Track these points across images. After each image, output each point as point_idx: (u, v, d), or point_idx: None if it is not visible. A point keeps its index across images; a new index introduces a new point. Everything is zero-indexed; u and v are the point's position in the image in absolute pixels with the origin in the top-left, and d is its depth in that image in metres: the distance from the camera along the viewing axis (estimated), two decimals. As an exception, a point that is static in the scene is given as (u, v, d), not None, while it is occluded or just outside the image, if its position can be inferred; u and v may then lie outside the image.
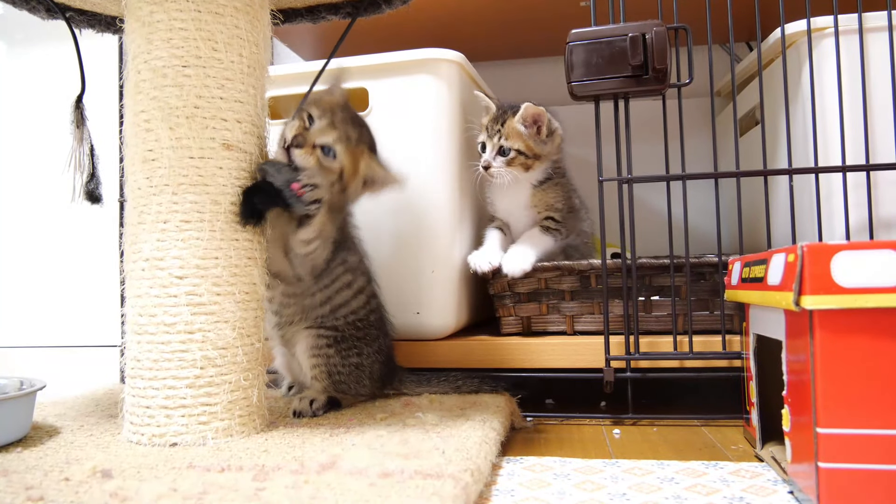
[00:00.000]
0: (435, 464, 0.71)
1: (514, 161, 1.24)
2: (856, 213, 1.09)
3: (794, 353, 0.71)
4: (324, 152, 0.96)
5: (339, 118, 0.98)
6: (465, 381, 1.11)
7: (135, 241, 0.87)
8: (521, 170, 1.25)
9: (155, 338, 0.84)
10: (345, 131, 0.98)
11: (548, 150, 1.27)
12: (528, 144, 1.24)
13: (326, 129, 0.97)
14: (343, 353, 1.03)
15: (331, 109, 0.99)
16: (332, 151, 0.97)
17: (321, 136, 0.96)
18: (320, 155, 0.96)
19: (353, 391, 1.05)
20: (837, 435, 0.64)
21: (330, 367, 1.02)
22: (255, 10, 0.92)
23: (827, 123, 1.13)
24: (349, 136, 0.98)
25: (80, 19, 1.09)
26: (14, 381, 0.94)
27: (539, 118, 1.24)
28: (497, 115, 1.27)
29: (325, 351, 1.02)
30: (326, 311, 1.04)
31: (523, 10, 1.62)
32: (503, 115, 1.26)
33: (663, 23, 1.05)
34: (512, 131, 1.24)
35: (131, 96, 0.89)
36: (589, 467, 0.84)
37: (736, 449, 0.92)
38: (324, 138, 0.96)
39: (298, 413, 0.98)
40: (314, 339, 1.02)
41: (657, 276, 1.19)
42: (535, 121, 1.24)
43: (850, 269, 0.64)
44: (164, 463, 0.74)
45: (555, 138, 1.27)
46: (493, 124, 1.26)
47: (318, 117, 0.97)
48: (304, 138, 0.95)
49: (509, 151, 1.24)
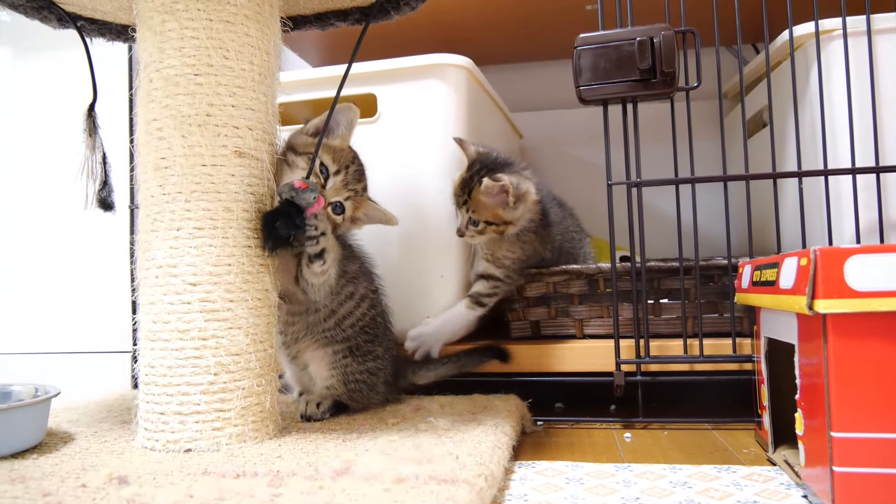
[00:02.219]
0: (449, 469, 0.71)
1: (486, 230, 1.16)
2: (865, 214, 1.09)
3: (807, 357, 0.71)
4: (334, 208, 1.00)
5: (350, 174, 1.00)
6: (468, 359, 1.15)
7: (148, 248, 0.87)
8: (496, 235, 1.18)
9: (169, 344, 0.85)
10: (354, 188, 1.01)
11: (519, 214, 1.16)
12: (497, 214, 1.15)
13: (340, 188, 1.00)
14: (359, 361, 1.03)
15: (344, 164, 1.00)
16: (342, 207, 1.00)
17: (335, 195, 0.99)
18: (330, 211, 0.99)
19: (367, 398, 1.05)
20: (852, 439, 0.64)
21: (346, 375, 1.02)
22: (265, 17, 0.92)
23: (836, 125, 1.13)
24: (356, 191, 1.02)
25: (91, 28, 1.10)
26: (29, 387, 0.94)
27: (504, 190, 1.12)
28: (466, 178, 1.17)
29: (342, 362, 1.02)
30: (332, 325, 1.03)
31: (530, 14, 1.63)
32: (470, 181, 1.15)
33: (671, 26, 1.05)
34: (478, 203, 1.15)
35: (143, 105, 0.89)
36: (601, 471, 0.84)
37: (748, 453, 0.92)
38: (337, 197, 1.00)
39: (307, 417, 0.99)
40: (330, 357, 1.03)
41: (666, 278, 1.19)
42: (501, 191, 1.12)
43: (863, 272, 0.64)
44: (179, 469, 0.75)
45: (526, 201, 1.15)
46: (460, 192, 1.17)
47: (333, 174, 0.99)
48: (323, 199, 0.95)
49: (478, 223, 1.16)
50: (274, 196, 0.93)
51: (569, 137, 1.93)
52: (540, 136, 1.95)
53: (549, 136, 1.95)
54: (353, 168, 1.01)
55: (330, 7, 1.09)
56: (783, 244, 1.12)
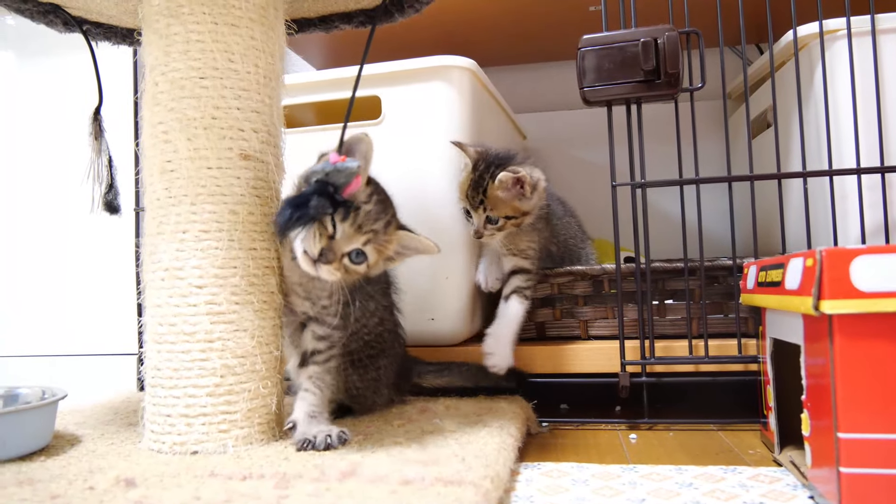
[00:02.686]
0: (455, 471, 0.71)
1: (505, 226, 1.16)
2: (871, 214, 1.09)
3: (813, 358, 0.71)
4: (352, 258, 0.85)
5: (363, 215, 0.84)
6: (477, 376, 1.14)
7: (154, 251, 0.88)
8: (514, 229, 1.18)
9: (175, 347, 0.85)
10: (372, 228, 0.85)
11: (534, 203, 1.17)
12: (514, 206, 1.15)
13: (353, 234, 0.84)
14: (360, 373, 1.02)
15: (358, 205, 0.84)
16: (362, 255, 0.85)
17: (348, 244, 0.84)
18: (348, 263, 0.85)
19: (370, 402, 1.05)
20: (859, 440, 0.64)
21: (348, 384, 1.02)
22: (270, 21, 0.92)
23: (840, 125, 1.13)
24: (376, 231, 0.85)
25: (97, 32, 1.11)
26: (36, 390, 0.95)
27: (522, 181, 1.13)
28: (476, 179, 1.14)
29: (344, 373, 1.00)
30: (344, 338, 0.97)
31: (533, 15, 1.63)
32: (481, 180, 1.14)
33: (675, 27, 1.05)
34: (496, 200, 1.14)
35: (149, 108, 0.90)
36: (606, 473, 0.84)
37: (753, 453, 0.92)
38: (352, 245, 0.84)
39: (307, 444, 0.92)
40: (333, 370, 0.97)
41: (671, 279, 1.19)
42: (517, 183, 1.13)
43: (869, 273, 0.64)
44: (185, 471, 0.75)
45: (538, 189, 1.16)
46: (473, 193, 1.15)
47: (341, 220, 0.83)
48: (332, 253, 0.82)
49: (498, 220, 1.15)
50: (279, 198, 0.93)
51: (572, 138, 1.93)
52: (543, 137, 1.94)
53: (553, 137, 1.95)
54: (366, 208, 0.85)
55: (334, 10, 1.09)
56: (788, 244, 1.12)
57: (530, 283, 1.21)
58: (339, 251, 0.83)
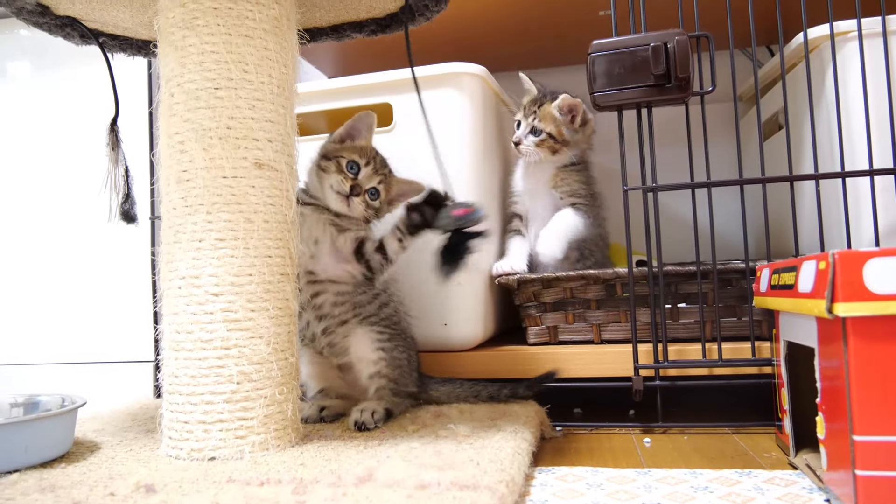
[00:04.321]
0: (470, 475, 0.71)
1: (544, 143, 1.33)
2: (884, 216, 1.08)
3: (828, 360, 0.71)
4: (371, 195, 1.11)
5: (377, 163, 1.13)
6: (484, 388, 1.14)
7: (171, 259, 0.89)
8: (549, 153, 1.33)
9: (192, 354, 0.86)
10: (383, 172, 1.13)
11: (577, 139, 1.35)
12: (560, 130, 1.33)
13: (372, 175, 1.11)
14: (399, 349, 1.08)
15: (370, 157, 1.12)
16: (377, 192, 1.12)
17: (369, 182, 1.11)
18: (368, 198, 1.10)
19: (408, 386, 1.09)
20: (875, 442, 0.64)
21: (392, 359, 1.07)
22: (283, 31, 0.94)
23: (852, 127, 1.13)
24: (385, 175, 1.13)
25: (113, 44, 1.12)
26: (56, 397, 0.96)
27: (575, 109, 1.32)
28: (537, 97, 1.36)
29: (387, 345, 1.07)
30: (375, 308, 1.10)
31: (543, 20, 1.63)
32: (542, 98, 1.35)
33: (684, 31, 1.06)
34: (547, 115, 1.33)
35: (165, 118, 0.91)
36: (621, 477, 0.85)
37: (769, 457, 0.91)
38: (371, 183, 1.11)
39: (361, 425, 0.98)
40: (376, 334, 1.07)
41: (683, 283, 1.19)
42: (570, 110, 1.32)
43: (882, 275, 0.64)
44: (204, 477, 0.76)
45: (587, 129, 1.36)
46: (531, 105, 1.35)
47: (364, 165, 1.11)
48: (359, 187, 1.09)
49: (540, 133, 1.32)
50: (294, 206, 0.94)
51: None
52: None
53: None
54: (378, 158, 1.14)
55: (346, 19, 1.10)
56: (801, 247, 1.12)
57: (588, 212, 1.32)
58: (363, 187, 1.09)
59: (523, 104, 1.38)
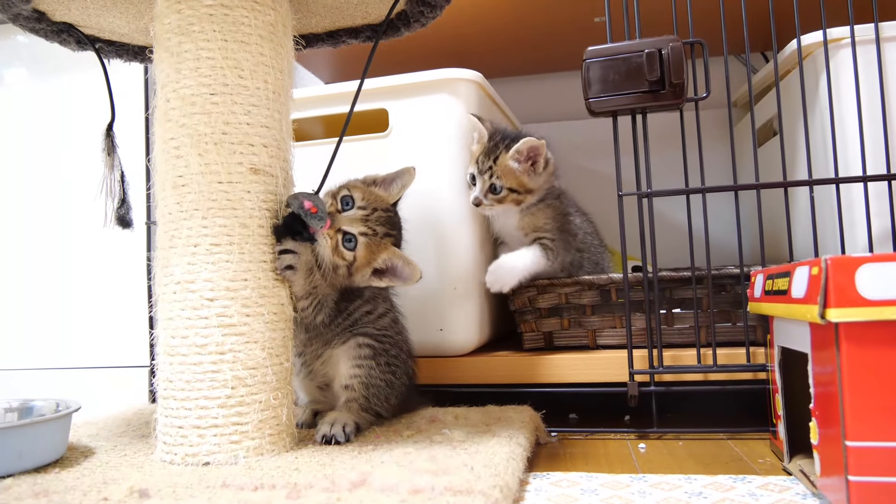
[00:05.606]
0: (464, 480, 0.71)
1: (506, 199, 1.22)
2: (878, 222, 1.09)
3: (821, 366, 0.71)
4: (345, 240, 0.97)
5: (375, 217, 0.99)
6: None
7: (166, 264, 0.89)
8: (513, 205, 1.24)
9: (187, 359, 0.86)
10: (374, 228, 0.99)
11: (540, 183, 1.25)
12: (521, 181, 1.22)
13: (357, 221, 0.98)
14: (381, 368, 1.02)
15: (374, 207, 1.00)
16: (354, 241, 0.97)
17: (349, 224, 0.98)
18: (340, 240, 0.97)
19: (380, 407, 1.04)
20: (867, 448, 0.64)
21: (369, 378, 1.01)
22: (278, 37, 0.94)
23: (846, 133, 1.13)
24: (375, 232, 0.99)
25: (109, 50, 1.13)
26: (50, 402, 0.96)
27: (537, 153, 1.21)
28: (489, 147, 1.22)
29: (368, 363, 1.01)
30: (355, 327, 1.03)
31: (538, 26, 1.64)
32: (495, 148, 1.21)
33: (679, 38, 1.06)
34: (504, 169, 1.20)
35: (161, 124, 0.91)
36: (616, 482, 0.85)
37: (763, 462, 0.92)
38: (350, 228, 0.97)
39: (332, 438, 0.94)
40: (356, 349, 1.01)
41: (678, 288, 1.19)
42: (531, 156, 1.21)
43: (874, 281, 0.65)
44: (198, 482, 0.76)
45: (548, 168, 1.25)
46: (484, 159, 1.21)
47: (357, 207, 0.99)
48: (334, 220, 0.97)
49: (501, 189, 1.21)
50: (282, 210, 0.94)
51: (578, 148, 1.94)
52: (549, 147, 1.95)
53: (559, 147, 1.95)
54: (382, 214, 1.01)
55: (341, 25, 1.11)
56: (795, 252, 1.12)
57: (554, 246, 1.24)
58: (336, 224, 0.96)
59: (475, 155, 1.23)
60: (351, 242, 0.97)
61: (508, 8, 1.54)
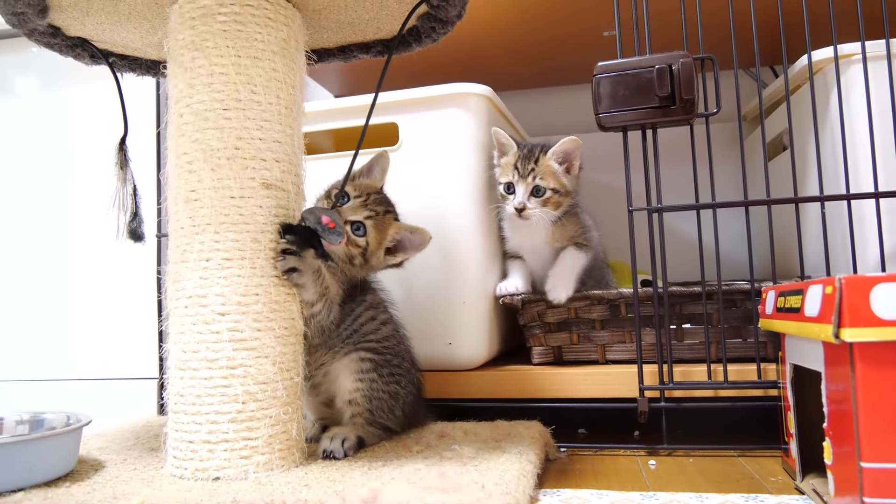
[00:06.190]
0: (475, 498, 0.71)
1: (549, 201, 1.22)
2: (889, 238, 1.08)
3: (834, 384, 0.71)
4: (354, 229, 1.02)
5: (371, 199, 1.05)
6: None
7: (178, 279, 0.89)
8: (553, 208, 1.23)
9: (198, 373, 0.86)
10: (374, 209, 1.05)
11: (575, 185, 1.28)
12: (561, 181, 1.23)
13: (359, 208, 1.04)
14: (384, 379, 1.02)
15: (367, 193, 1.06)
16: (362, 228, 1.03)
17: (353, 214, 1.03)
18: (350, 231, 1.01)
19: (385, 419, 1.03)
20: (883, 469, 0.64)
21: (371, 391, 1.01)
22: (291, 52, 0.95)
23: (857, 149, 1.13)
24: (377, 212, 1.05)
25: (122, 64, 1.13)
26: (61, 415, 0.96)
27: (574, 153, 1.24)
28: (524, 154, 1.23)
29: (370, 375, 1.01)
30: (356, 337, 1.03)
31: (548, 40, 1.65)
32: (533, 152, 1.23)
33: (689, 53, 1.06)
34: (546, 170, 1.22)
35: (174, 139, 0.92)
36: (626, 500, 0.84)
37: (775, 481, 0.91)
38: (356, 216, 1.03)
39: (330, 453, 0.94)
40: (357, 363, 1.01)
41: (688, 303, 1.19)
42: (567, 157, 1.24)
43: (889, 301, 0.64)
44: (208, 497, 0.76)
45: (580, 173, 1.28)
46: (524, 163, 1.22)
47: (354, 197, 1.05)
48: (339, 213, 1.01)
49: (545, 191, 1.21)
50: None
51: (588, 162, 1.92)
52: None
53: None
54: (376, 196, 1.07)
55: (353, 40, 1.12)
56: (806, 268, 1.11)
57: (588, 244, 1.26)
58: (343, 217, 1.00)
59: (511, 163, 1.23)
60: (360, 230, 1.03)
61: (517, 22, 1.55)
